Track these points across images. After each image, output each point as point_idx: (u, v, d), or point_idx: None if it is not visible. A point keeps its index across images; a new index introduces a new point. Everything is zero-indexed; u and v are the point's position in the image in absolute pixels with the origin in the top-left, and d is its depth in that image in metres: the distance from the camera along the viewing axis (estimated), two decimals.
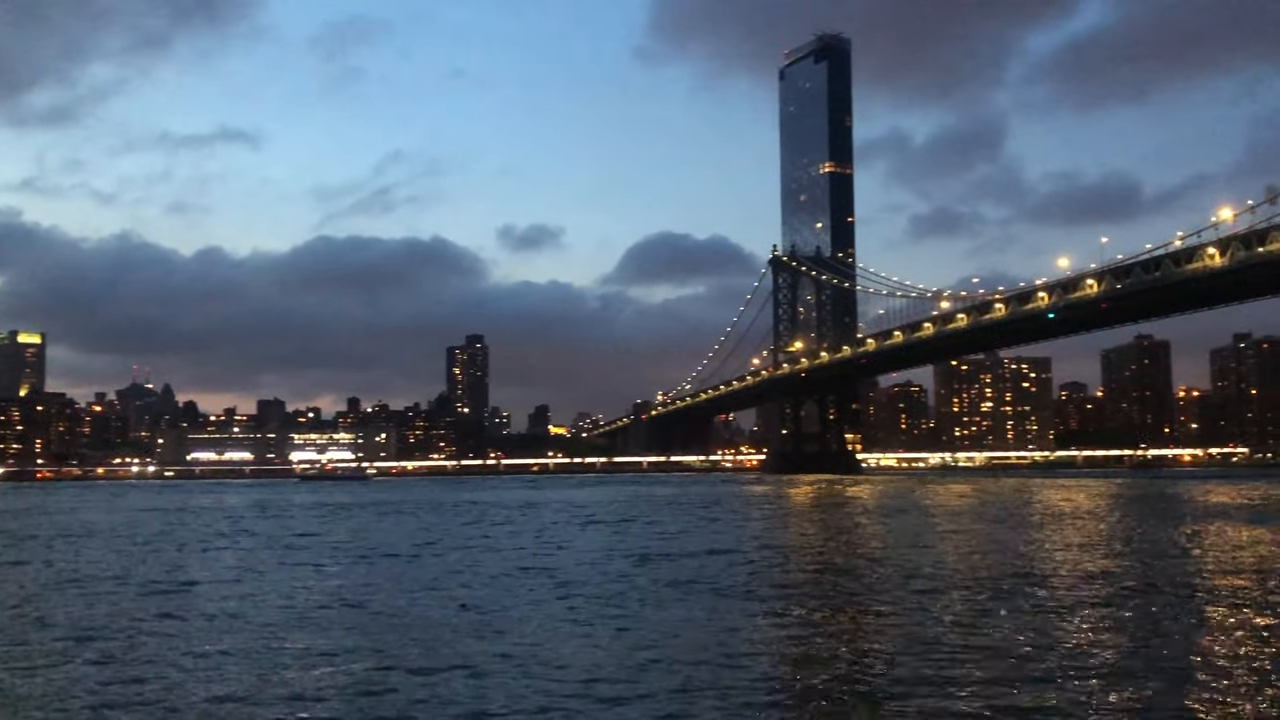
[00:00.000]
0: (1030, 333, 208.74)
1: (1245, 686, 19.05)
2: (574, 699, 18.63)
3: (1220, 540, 53.34)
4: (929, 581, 35.53)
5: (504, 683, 20.02)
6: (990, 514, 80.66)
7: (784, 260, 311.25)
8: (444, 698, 18.85)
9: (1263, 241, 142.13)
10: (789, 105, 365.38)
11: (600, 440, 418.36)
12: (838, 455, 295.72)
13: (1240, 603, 29.76)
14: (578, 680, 20.04)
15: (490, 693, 19.19)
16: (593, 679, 20.12)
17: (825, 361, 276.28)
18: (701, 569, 40.30)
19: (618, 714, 17.77)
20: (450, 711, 18.00)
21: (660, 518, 79.68)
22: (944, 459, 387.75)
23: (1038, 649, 22.65)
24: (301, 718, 17.64)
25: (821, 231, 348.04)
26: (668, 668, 21.09)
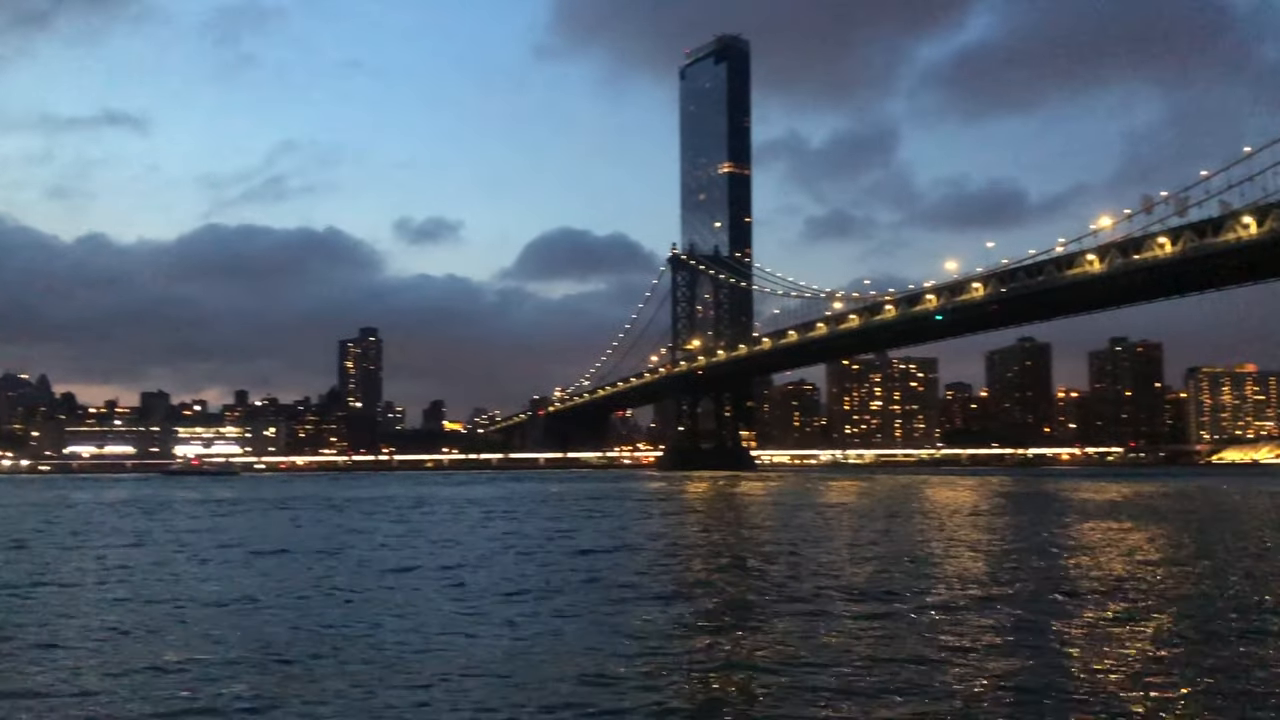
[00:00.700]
0: (919, 334, 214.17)
1: (1128, 685, 19.93)
2: (452, 697, 18.49)
3: (1097, 537, 55.63)
4: (820, 579, 36.27)
5: (385, 680, 19.78)
6: (880, 511, 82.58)
7: (683, 259, 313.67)
8: (328, 701, 18.46)
9: (1138, 249, 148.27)
10: (689, 105, 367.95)
11: (497, 437, 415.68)
12: (733, 452, 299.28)
13: (1117, 598, 31.09)
14: (459, 678, 19.88)
15: (373, 692, 18.94)
16: (475, 676, 20.01)
17: (722, 359, 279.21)
18: (594, 566, 40.39)
19: (494, 712, 17.70)
20: (332, 714, 17.76)
21: (556, 515, 79.60)
22: (835, 456, 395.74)
23: (925, 648, 23.31)
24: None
25: (720, 231, 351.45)
26: (554, 666, 21.04)
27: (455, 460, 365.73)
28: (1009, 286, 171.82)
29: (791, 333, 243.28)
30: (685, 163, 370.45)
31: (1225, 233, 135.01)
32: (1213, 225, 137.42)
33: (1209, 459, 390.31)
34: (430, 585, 34.59)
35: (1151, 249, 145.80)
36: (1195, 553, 45.46)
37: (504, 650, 22.60)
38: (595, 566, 40.05)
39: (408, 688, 19.10)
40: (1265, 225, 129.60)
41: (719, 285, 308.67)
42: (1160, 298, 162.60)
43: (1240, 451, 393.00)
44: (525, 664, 21.37)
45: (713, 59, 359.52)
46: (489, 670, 20.53)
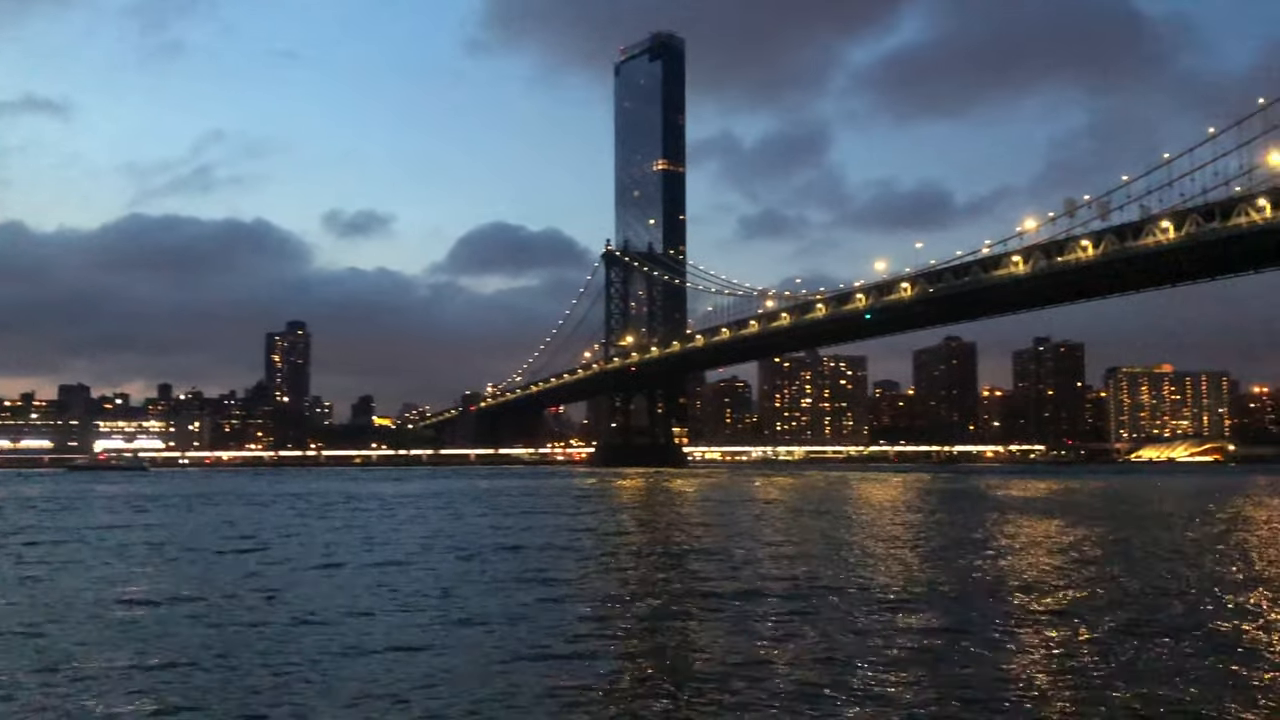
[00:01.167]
0: (848, 332, 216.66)
1: (1050, 679, 20.35)
2: (374, 698, 18.30)
3: (1020, 532, 56.82)
4: (749, 575, 36.55)
5: (310, 680, 19.54)
6: (811, 508, 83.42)
7: (617, 255, 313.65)
8: (250, 700, 18.19)
9: (1061, 252, 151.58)
10: (624, 101, 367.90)
11: (427, 432, 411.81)
12: (665, 448, 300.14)
13: (1040, 593, 31.79)
14: (384, 678, 19.70)
15: (296, 691, 18.73)
16: (402, 676, 19.83)
17: (655, 356, 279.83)
18: (525, 563, 40.29)
19: (417, 710, 17.58)
20: (255, 711, 17.48)
21: (486, 510, 79.16)
22: (765, 453, 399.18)
23: (849, 644, 23.61)
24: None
25: (654, 228, 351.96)
26: (480, 665, 20.94)
27: (384, 456, 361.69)
28: (936, 287, 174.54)
29: (724, 330, 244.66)
30: (620, 159, 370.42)
31: (1145, 237, 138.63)
32: (1133, 229, 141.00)
33: (1127, 457, 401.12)
34: (353, 584, 34.17)
35: (1074, 251, 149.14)
36: (1115, 548, 46.67)
37: (424, 654, 22.23)
38: (522, 565, 39.87)
39: (322, 696, 18.58)
40: (1183, 230, 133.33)
41: (653, 282, 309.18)
42: (1082, 299, 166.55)
43: (1157, 450, 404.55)
44: (446, 665, 21.20)
45: (648, 56, 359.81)
46: (408, 675, 20.11)
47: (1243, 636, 23.97)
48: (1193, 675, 19.86)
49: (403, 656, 21.60)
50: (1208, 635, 24.02)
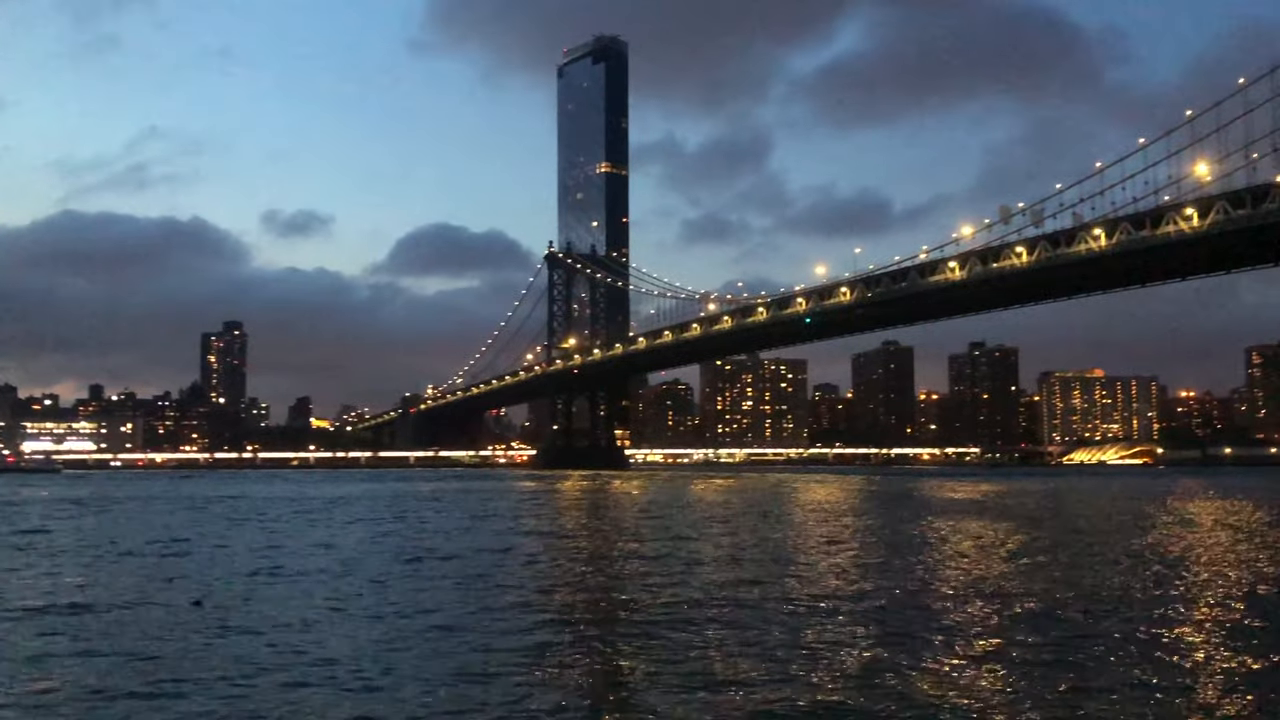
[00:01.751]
0: (789, 336, 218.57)
1: (978, 674, 21.02)
2: (297, 702, 18.25)
3: (956, 533, 58.03)
4: (691, 577, 37.01)
5: (237, 685, 19.43)
6: (753, 508, 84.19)
7: (560, 257, 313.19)
8: (173, 706, 18.06)
9: (996, 258, 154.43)
10: (567, 104, 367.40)
11: (366, 435, 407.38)
12: (607, 451, 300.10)
13: (974, 593, 32.65)
14: (313, 683, 19.59)
15: (221, 697, 18.63)
16: (330, 681, 19.80)
17: (598, 358, 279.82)
18: (464, 567, 40.25)
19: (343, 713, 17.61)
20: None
21: (425, 513, 78.75)
22: (707, 455, 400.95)
23: (788, 645, 24.13)
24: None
25: (597, 230, 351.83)
26: (411, 669, 20.99)
27: (322, 459, 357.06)
28: (875, 292, 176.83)
29: (666, 333, 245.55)
30: (563, 161, 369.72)
31: (1077, 244, 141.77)
32: (1066, 236, 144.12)
33: (1060, 460, 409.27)
34: (284, 590, 34.02)
35: (1009, 258, 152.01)
36: (1048, 548, 47.91)
37: (348, 665, 21.70)
38: (456, 571, 39.68)
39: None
40: (1114, 237, 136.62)
41: (595, 284, 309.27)
42: (1017, 304, 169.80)
43: (1088, 453, 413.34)
44: (374, 672, 21.22)
45: (591, 59, 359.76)
46: (334, 684, 19.75)
47: (1174, 637, 24.94)
48: (1125, 677, 20.68)
49: (334, 669, 21.34)
50: (1139, 638, 24.93)
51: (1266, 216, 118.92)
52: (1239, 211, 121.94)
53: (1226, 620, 26.69)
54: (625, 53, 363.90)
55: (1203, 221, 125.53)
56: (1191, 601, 30.03)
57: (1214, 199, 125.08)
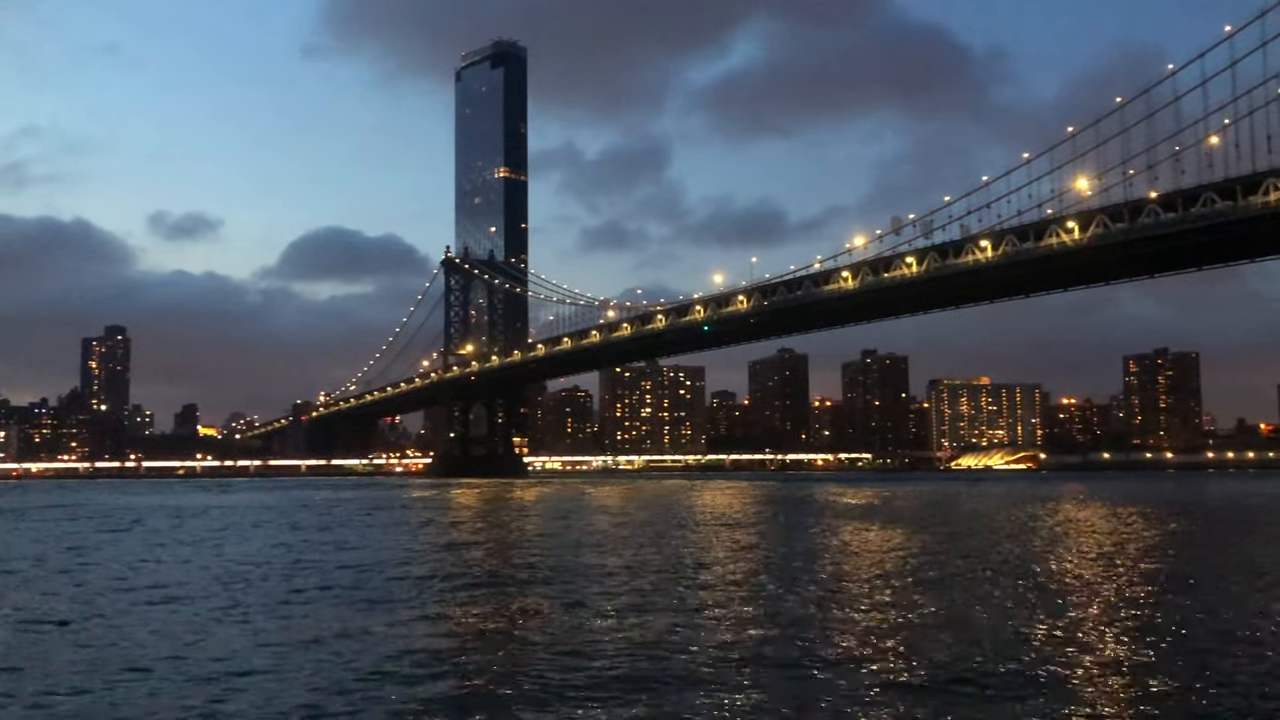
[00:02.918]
0: (687, 343, 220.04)
1: (868, 679, 21.25)
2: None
3: (847, 537, 58.96)
4: (587, 582, 36.81)
5: (102, 707, 18.69)
6: (650, 517, 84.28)
7: (457, 262, 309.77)
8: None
9: (888, 268, 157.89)
10: (465, 108, 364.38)
11: (255, 442, 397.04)
12: (504, 458, 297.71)
13: (863, 596, 33.12)
14: (186, 702, 18.98)
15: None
16: (208, 698, 19.21)
17: (496, 365, 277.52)
18: (355, 577, 39.37)
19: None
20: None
21: (314, 523, 76.99)
22: (605, 462, 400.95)
23: (682, 648, 24.11)
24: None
25: (495, 235, 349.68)
26: (292, 682, 20.48)
27: (209, 467, 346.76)
28: (771, 300, 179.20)
29: (566, 340, 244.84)
30: (461, 166, 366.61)
31: (965, 255, 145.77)
32: (954, 248, 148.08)
33: (948, 465, 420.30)
34: (149, 607, 32.82)
35: (900, 268, 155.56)
36: (932, 549, 49.01)
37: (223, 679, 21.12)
38: (343, 582, 38.75)
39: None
40: (999, 249, 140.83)
41: (494, 290, 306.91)
42: (907, 313, 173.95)
43: (975, 458, 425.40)
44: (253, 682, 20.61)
45: (489, 63, 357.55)
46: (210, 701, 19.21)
47: (1059, 637, 25.63)
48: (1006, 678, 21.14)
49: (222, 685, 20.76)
50: (1023, 638, 25.55)
51: (1142, 230, 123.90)
52: (1117, 225, 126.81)
53: (1109, 618, 27.57)
54: (524, 58, 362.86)
55: (1083, 235, 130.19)
56: (1072, 598, 30.97)
57: (1093, 213, 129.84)
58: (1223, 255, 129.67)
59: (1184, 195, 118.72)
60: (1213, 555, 47.99)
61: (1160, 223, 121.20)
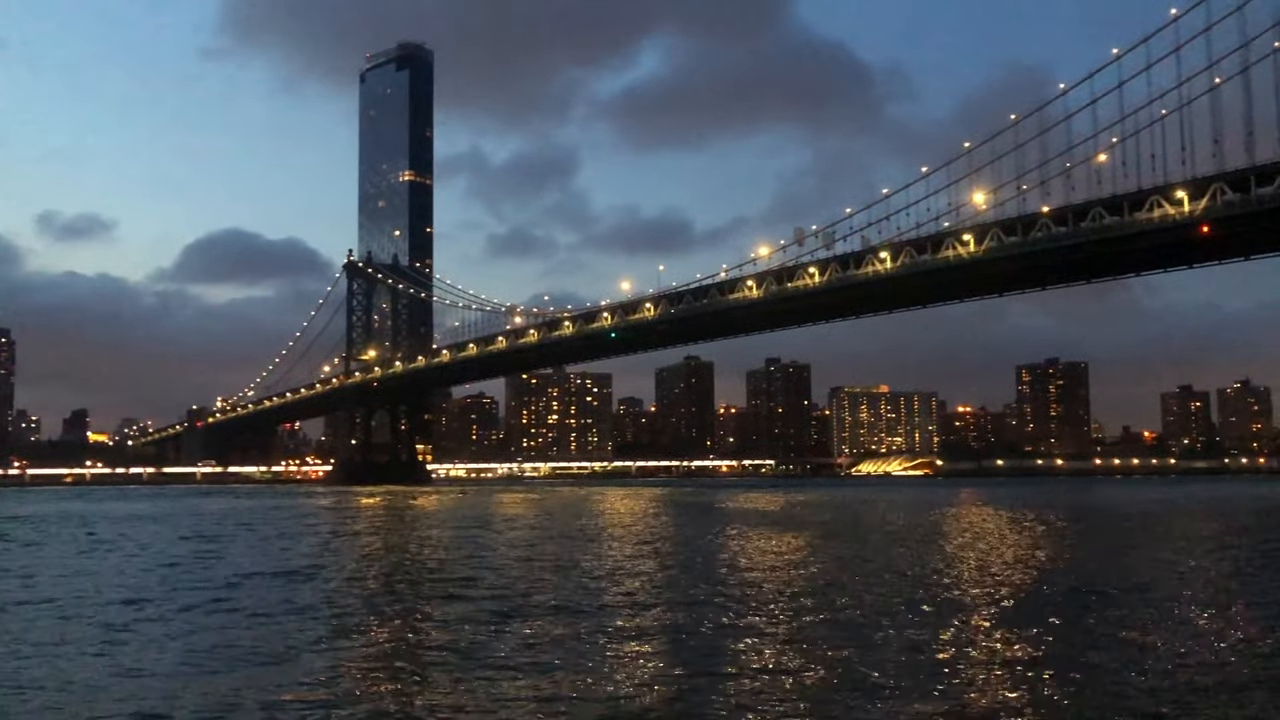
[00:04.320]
0: (594, 350, 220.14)
1: (772, 683, 21.65)
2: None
3: (753, 543, 59.73)
4: (485, 592, 36.72)
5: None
6: (555, 525, 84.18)
7: (360, 266, 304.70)
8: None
9: (791, 278, 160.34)
10: (369, 110, 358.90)
11: (149, 449, 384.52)
12: (408, 466, 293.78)
13: (770, 602, 33.66)
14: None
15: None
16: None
17: (399, 371, 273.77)
18: (245, 591, 38.51)
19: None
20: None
21: (209, 532, 75.05)
22: (511, 469, 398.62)
23: (570, 653, 24.27)
24: None
25: (400, 239, 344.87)
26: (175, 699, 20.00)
27: (99, 475, 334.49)
28: (677, 308, 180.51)
29: (471, 346, 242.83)
30: (364, 169, 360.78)
31: (865, 266, 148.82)
32: (855, 258, 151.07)
33: (848, 471, 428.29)
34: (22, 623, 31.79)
35: (803, 278, 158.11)
36: (837, 555, 50.01)
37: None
38: (233, 596, 37.82)
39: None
40: (898, 260, 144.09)
41: (398, 295, 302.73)
42: (810, 322, 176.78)
43: (874, 464, 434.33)
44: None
45: (395, 65, 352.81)
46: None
47: (951, 637, 26.44)
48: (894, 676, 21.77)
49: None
50: (921, 639, 26.31)
51: (1035, 244, 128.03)
52: (1011, 239, 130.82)
53: (1005, 618, 28.53)
54: (431, 61, 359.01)
55: (978, 247, 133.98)
56: (968, 600, 31.96)
57: (989, 226, 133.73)
58: (1110, 269, 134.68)
59: (1074, 210, 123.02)
60: (1095, 557, 49.92)
61: (1052, 236, 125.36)
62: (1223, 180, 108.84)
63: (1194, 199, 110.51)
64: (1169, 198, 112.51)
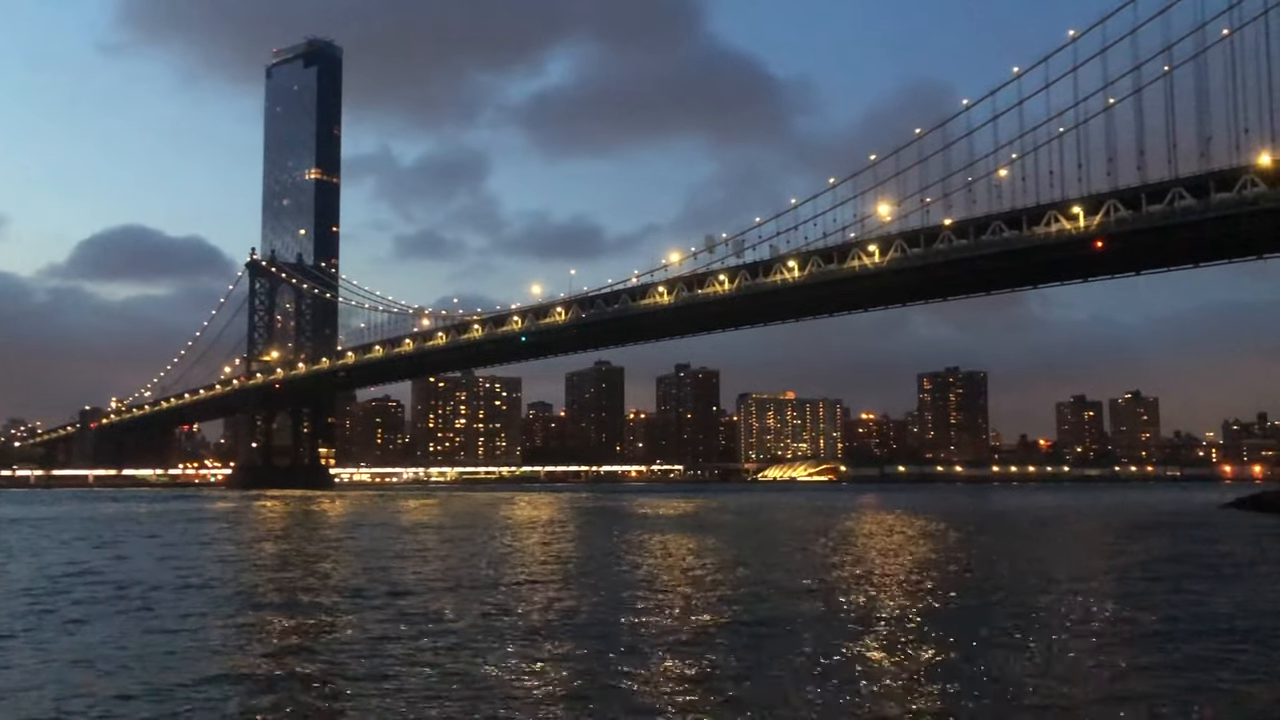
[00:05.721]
0: (504, 354, 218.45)
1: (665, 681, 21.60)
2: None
3: (661, 547, 59.82)
4: (375, 600, 36.12)
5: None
6: (461, 532, 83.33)
7: (263, 265, 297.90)
8: None
9: (701, 285, 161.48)
10: (276, 106, 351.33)
11: (37, 450, 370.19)
12: (310, 470, 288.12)
13: (671, 602, 33.68)
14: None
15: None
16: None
17: (302, 373, 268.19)
18: (137, 599, 37.30)
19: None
20: None
21: (99, 537, 72.48)
22: (417, 474, 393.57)
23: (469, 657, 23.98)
24: None
25: (305, 239, 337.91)
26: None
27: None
28: (589, 313, 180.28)
29: (377, 348, 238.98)
30: (269, 166, 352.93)
31: (773, 274, 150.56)
32: (763, 267, 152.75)
33: (755, 476, 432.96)
34: None
35: (713, 285, 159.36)
36: (741, 559, 50.34)
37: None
38: (127, 608, 36.69)
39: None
40: (806, 269, 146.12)
41: (302, 295, 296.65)
42: (719, 329, 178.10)
43: (781, 470, 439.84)
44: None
45: (303, 62, 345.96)
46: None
47: (849, 640, 26.73)
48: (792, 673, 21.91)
49: None
50: (827, 641, 26.54)
51: (937, 255, 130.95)
52: (914, 250, 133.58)
53: (906, 621, 28.96)
54: (339, 58, 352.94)
55: (883, 258, 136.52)
56: (873, 604, 32.39)
57: (893, 238, 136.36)
58: (1009, 281, 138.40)
59: (975, 223, 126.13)
60: (988, 559, 51.14)
61: (954, 248, 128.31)
62: (1116, 197, 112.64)
63: (1089, 215, 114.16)
64: (1066, 213, 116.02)
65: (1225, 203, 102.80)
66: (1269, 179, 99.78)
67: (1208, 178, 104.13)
